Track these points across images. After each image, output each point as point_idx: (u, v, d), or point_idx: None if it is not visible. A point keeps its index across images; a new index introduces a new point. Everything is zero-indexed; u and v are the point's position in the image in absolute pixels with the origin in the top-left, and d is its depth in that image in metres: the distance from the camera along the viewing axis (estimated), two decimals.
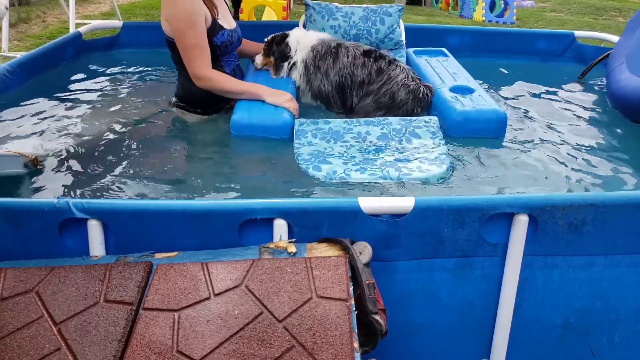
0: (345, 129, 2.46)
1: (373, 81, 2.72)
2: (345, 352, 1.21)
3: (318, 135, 2.43)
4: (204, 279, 1.37)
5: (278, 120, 2.48)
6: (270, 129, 2.46)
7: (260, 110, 2.52)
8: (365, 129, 2.46)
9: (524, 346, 1.72)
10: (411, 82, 2.70)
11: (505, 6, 9.89)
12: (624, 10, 11.26)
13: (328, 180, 2.14)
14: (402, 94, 2.68)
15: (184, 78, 2.67)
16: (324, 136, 2.43)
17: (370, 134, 2.44)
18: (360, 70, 2.73)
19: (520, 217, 1.58)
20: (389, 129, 2.46)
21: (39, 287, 1.36)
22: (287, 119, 2.49)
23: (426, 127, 2.47)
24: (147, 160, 2.30)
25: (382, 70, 2.72)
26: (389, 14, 3.27)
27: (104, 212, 1.53)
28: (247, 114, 2.48)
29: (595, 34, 4.02)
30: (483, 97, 2.69)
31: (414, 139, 2.42)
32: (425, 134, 2.44)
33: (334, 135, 2.43)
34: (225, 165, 2.37)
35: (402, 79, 2.69)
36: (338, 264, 1.40)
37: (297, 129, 2.46)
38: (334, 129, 2.46)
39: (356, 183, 2.12)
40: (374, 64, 2.74)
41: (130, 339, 1.25)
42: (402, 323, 1.65)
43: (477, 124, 2.54)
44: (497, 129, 2.57)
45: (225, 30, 2.65)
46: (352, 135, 2.44)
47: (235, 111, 2.52)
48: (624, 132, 2.78)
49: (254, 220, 1.53)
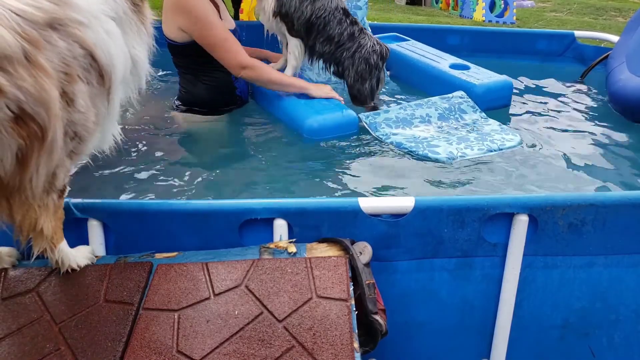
0: (408, 115, 2.62)
1: (343, 44, 2.75)
2: (345, 352, 1.21)
3: (392, 125, 2.55)
4: (204, 279, 1.37)
5: (348, 118, 2.54)
6: (344, 127, 2.52)
7: (325, 110, 2.54)
8: (424, 112, 2.64)
9: (524, 346, 1.72)
10: (377, 47, 2.81)
11: (505, 6, 9.88)
12: (624, 10, 11.25)
13: (451, 160, 2.30)
14: (373, 57, 2.78)
15: (187, 81, 2.67)
16: (398, 124, 2.56)
17: (431, 117, 2.63)
18: (335, 25, 2.73)
19: (520, 217, 1.58)
20: (442, 109, 2.67)
21: (39, 287, 1.36)
22: (354, 115, 2.56)
23: (465, 102, 2.73)
24: (149, 161, 2.30)
25: (354, 37, 2.77)
26: (359, 7, 3.34)
27: (104, 212, 1.53)
28: (320, 117, 2.49)
29: (595, 34, 4.02)
30: (482, 70, 3.00)
31: (464, 115, 2.67)
32: (469, 109, 2.71)
33: (404, 122, 2.57)
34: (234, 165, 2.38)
35: (370, 46, 2.79)
36: (338, 264, 1.40)
37: (369, 122, 2.55)
38: (400, 117, 2.60)
39: (473, 159, 2.31)
40: (349, 27, 2.76)
41: (130, 339, 1.25)
42: (402, 323, 1.65)
43: (494, 94, 2.87)
44: (507, 96, 2.93)
45: (229, 31, 2.65)
46: (418, 119, 2.60)
47: (300, 116, 2.51)
48: (624, 132, 2.78)
49: (254, 220, 1.53)
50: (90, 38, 1.21)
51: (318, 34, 2.74)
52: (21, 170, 1.17)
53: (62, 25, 1.15)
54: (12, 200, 1.23)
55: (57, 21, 1.15)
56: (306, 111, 2.53)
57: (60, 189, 1.33)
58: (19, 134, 1.11)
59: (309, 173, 2.28)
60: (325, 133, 2.48)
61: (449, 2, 11.11)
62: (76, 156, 1.33)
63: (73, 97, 1.20)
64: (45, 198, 1.29)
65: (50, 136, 1.15)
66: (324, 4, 2.70)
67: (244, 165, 2.40)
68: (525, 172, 2.30)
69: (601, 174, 2.33)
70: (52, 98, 1.13)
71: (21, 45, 1.07)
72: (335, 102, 2.64)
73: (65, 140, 1.24)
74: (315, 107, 2.56)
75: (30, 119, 1.11)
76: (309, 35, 2.75)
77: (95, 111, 1.29)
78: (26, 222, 1.28)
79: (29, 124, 1.11)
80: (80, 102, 1.22)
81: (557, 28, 8.06)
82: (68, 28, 1.16)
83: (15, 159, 1.14)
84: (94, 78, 1.24)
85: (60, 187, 1.32)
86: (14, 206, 1.25)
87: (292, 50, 2.78)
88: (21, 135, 1.11)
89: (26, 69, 1.08)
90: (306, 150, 2.45)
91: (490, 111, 2.81)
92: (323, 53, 2.78)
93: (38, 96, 1.10)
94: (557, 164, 2.40)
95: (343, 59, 2.76)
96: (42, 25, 1.12)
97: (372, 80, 2.79)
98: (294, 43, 2.77)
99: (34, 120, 1.11)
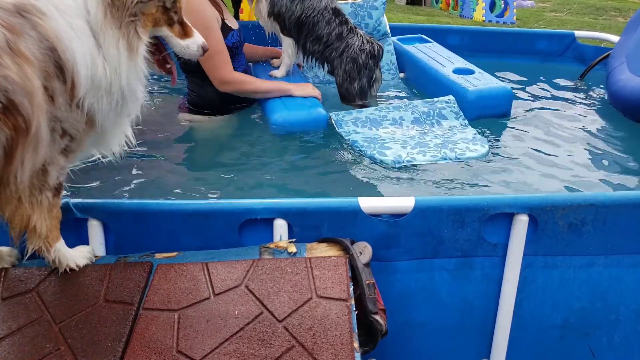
0: (380, 117, 2.60)
1: (331, 44, 2.78)
2: (345, 352, 1.21)
3: (358, 124, 2.55)
4: (204, 279, 1.37)
5: (314, 115, 2.58)
6: (309, 123, 2.57)
7: (295, 107, 2.61)
8: (397, 115, 2.60)
9: (524, 346, 1.72)
10: (366, 46, 2.80)
11: (505, 6, 9.87)
12: (624, 10, 11.24)
13: (397, 165, 2.25)
14: (362, 57, 2.78)
15: (195, 84, 2.67)
16: (364, 124, 2.55)
17: (404, 119, 2.58)
18: (323, 25, 2.77)
19: (520, 217, 1.58)
20: (419, 113, 2.62)
21: (39, 287, 1.36)
22: (323, 113, 2.60)
23: (449, 108, 2.65)
24: (149, 161, 2.30)
25: (342, 37, 2.78)
26: (375, 7, 3.36)
27: (104, 212, 1.53)
28: (285, 112, 2.57)
29: (595, 34, 4.02)
30: (486, 76, 2.89)
31: (443, 121, 2.60)
32: (450, 115, 2.63)
33: (373, 123, 2.56)
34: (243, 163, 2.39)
35: (358, 46, 2.79)
36: (338, 264, 1.40)
37: (336, 120, 2.57)
38: (370, 118, 2.58)
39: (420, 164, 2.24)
40: (337, 27, 2.78)
41: (130, 339, 1.25)
42: (402, 323, 1.65)
43: (488, 101, 2.74)
44: (504, 105, 2.79)
45: (234, 31, 2.66)
46: (389, 121, 2.57)
47: (270, 110, 2.60)
48: (624, 132, 2.78)
49: (254, 220, 1.53)
50: (51, 29, 1.15)
51: (308, 34, 2.79)
52: (6, 164, 1.15)
53: (27, 12, 1.12)
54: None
55: (22, 8, 1.12)
56: (278, 107, 2.61)
57: (54, 187, 1.31)
58: (6, 125, 1.09)
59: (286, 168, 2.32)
60: (289, 127, 2.54)
61: (449, 2, 11.10)
62: (72, 154, 1.31)
63: (52, 94, 1.17)
64: (38, 195, 1.27)
65: (34, 128, 1.13)
66: (312, 4, 2.74)
67: (243, 165, 2.40)
68: (524, 171, 2.30)
69: (601, 174, 2.32)
70: (35, 88, 1.10)
71: (2, 33, 1.05)
72: (312, 100, 2.68)
73: (54, 136, 1.22)
74: (288, 104, 2.63)
75: (16, 110, 1.09)
76: (300, 34, 2.80)
77: (79, 111, 1.24)
78: (16, 219, 1.27)
79: (15, 115, 1.09)
80: (59, 100, 1.19)
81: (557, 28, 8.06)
82: (32, 16, 1.13)
83: (3, 151, 1.12)
84: (61, 76, 1.19)
85: (53, 184, 1.30)
86: (1, 201, 1.23)
87: (286, 49, 2.88)
88: (8, 126, 1.09)
89: (10, 56, 1.06)
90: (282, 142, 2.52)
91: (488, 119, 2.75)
92: (313, 52, 2.83)
93: (23, 85, 1.08)
94: (557, 163, 2.40)
95: (332, 58, 2.80)
96: (13, 13, 1.09)
97: (362, 79, 2.80)
98: (287, 43, 2.86)
99: (19, 111, 1.09)
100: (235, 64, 2.69)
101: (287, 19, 2.75)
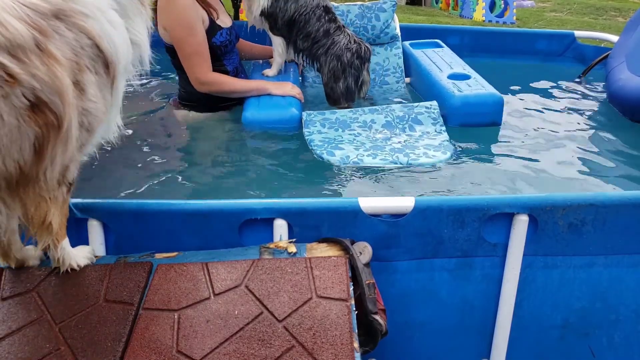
0: (351, 118, 2.58)
1: (318, 40, 2.78)
2: (345, 352, 1.21)
3: (326, 124, 2.54)
4: (204, 279, 1.37)
5: (286, 114, 2.58)
6: (280, 122, 2.57)
7: (269, 105, 2.62)
8: (370, 117, 2.57)
9: (524, 346, 1.72)
10: (353, 45, 2.79)
11: (505, 6, 9.88)
12: (624, 10, 11.24)
13: (342, 165, 2.25)
14: (347, 55, 2.76)
15: (186, 81, 2.67)
16: (332, 125, 2.54)
17: (375, 122, 2.55)
18: (314, 22, 2.76)
19: (520, 217, 1.58)
20: (393, 117, 2.58)
21: (39, 287, 1.36)
22: (295, 112, 2.59)
23: (427, 113, 2.59)
24: (149, 161, 2.30)
25: (329, 34, 2.78)
26: (383, 9, 3.34)
27: (104, 212, 1.53)
28: (257, 110, 2.58)
29: (595, 34, 4.02)
30: (479, 82, 2.79)
31: (417, 126, 2.54)
32: (427, 120, 2.56)
33: (342, 125, 2.54)
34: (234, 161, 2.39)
35: (344, 44, 2.77)
36: (338, 264, 1.40)
37: (305, 119, 2.57)
38: (340, 119, 2.57)
39: (368, 167, 2.23)
40: (326, 24, 2.78)
41: (130, 339, 1.25)
42: (402, 323, 1.65)
43: (475, 108, 2.64)
44: (493, 113, 2.67)
45: (224, 29, 2.65)
46: (359, 124, 2.55)
47: (245, 108, 2.61)
48: (624, 131, 2.78)
49: (254, 220, 1.53)
50: (94, 29, 1.23)
51: (299, 31, 2.78)
52: (37, 161, 1.18)
53: (67, 16, 1.18)
54: (27, 193, 1.23)
55: (61, 12, 1.17)
56: (252, 105, 2.63)
57: (70, 182, 1.33)
58: (36, 123, 1.12)
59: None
60: (259, 125, 2.56)
61: (449, 2, 11.11)
62: (84, 148, 1.33)
63: (84, 87, 1.22)
64: (57, 190, 1.29)
65: (66, 125, 1.17)
66: (306, 2, 2.74)
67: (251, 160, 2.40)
68: (524, 171, 2.30)
69: (601, 174, 2.32)
70: (65, 86, 1.14)
71: (32, 34, 1.09)
72: (289, 99, 2.67)
73: (81, 132, 1.25)
74: (262, 103, 2.64)
75: (46, 107, 1.12)
76: (291, 32, 2.80)
77: (104, 101, 1.30)
78: (37, 215, 1.28)
79: (46, 113, 1.13)
80: (90, 92, 1.24)
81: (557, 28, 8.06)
82: (72, 19, 1.18)
83: (33, 149, 1.15)
84: (100, 68, 1.26)
85: (70, 179, 1.32)
86: (28, 199, 1.24)
87: (276, 48, 2.88)
88: (38, 123, 1.12)
89: (39, 57, 1.10)
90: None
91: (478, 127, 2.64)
92: (303, 49, 2.83)
93: (52, 84, 1.12)
94: (557, 163, 2.40)
95: (319, 55, 2.80)
96: (49, 16, 1.14)
97: (348, 79, 2.78)
98: (277, 42, 2.86)
99: (50, 108, 1.13)
100: (225, 62, 2.70)
101: (280, 18, 2.75)
